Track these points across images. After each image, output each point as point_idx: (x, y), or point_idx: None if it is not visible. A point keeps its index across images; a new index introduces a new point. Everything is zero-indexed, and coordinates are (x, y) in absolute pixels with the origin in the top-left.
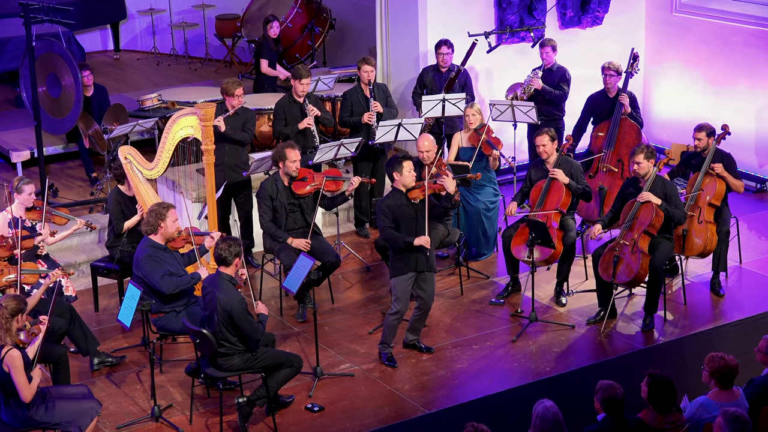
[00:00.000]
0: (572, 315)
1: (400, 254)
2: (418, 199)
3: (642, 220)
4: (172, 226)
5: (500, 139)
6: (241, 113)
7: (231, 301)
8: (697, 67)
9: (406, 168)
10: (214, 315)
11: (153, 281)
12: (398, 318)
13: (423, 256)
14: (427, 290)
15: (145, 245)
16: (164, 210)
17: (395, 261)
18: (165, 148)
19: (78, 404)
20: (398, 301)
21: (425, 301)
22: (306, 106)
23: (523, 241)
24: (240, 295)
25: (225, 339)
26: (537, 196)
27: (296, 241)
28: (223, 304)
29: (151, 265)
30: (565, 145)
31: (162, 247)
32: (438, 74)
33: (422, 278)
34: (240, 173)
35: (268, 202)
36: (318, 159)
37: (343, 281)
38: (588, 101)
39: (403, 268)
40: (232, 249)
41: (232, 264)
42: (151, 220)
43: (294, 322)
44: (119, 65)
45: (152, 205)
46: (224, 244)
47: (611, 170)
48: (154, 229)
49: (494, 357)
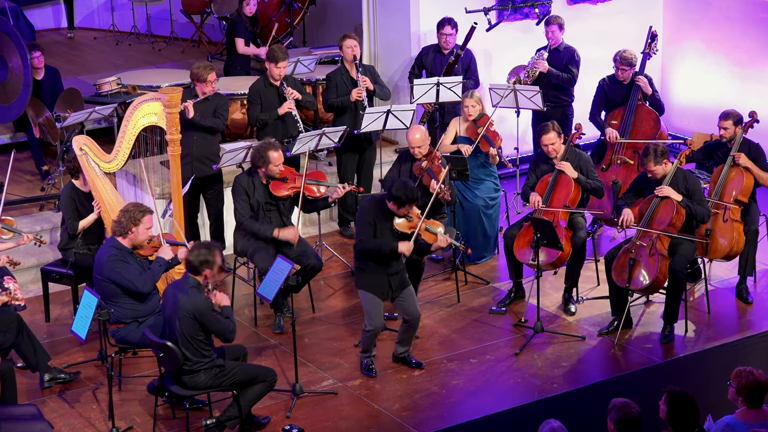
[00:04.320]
0: (582, 325)
1: (365, 263)
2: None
3: (661, 218)
4: (144, 234)
5: (498, 134)
6: (213, 98)
7: (195, 302)
8: (720, 48)
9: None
10: (175, 321)
11: (126, 282)
12: (374, 334)
13: (395, 277)
14: (409, 307)
15: (109, 245)
16: (140, 214)
17: (359, 270)
18: (125, 138)
19: (26, 426)
20: (370, 318)
21: (411, 316)
22: (284, 89)
23: (527, 242)
24: (207, 300)
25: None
26: (543, 191)
27: (284, 231)
28: (185, 305)
29: (119, 265)
30: (574, 134)
31: (127, 250)
32: (440, 56)
33: (400, 298)
34: (210, 166)
35: (244, 198)
36: (297, 150)
37: (325, 287)
38: (600, 87)
39: (369, 286)
40: (204, 258)
41: (201, 274)
42: (123, 221)
43: (270, 333)
44: (74, 45)
45: (128, 204)
46: (198, 250)
47: (626, 162)
48: (124, 232)
49: (495, 372)
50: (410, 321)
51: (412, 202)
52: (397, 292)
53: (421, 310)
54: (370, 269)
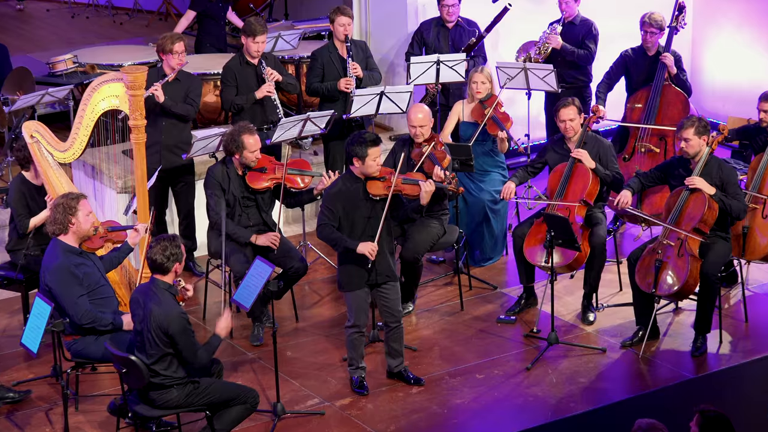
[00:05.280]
0: (603, 335)
1: (345, 262)
2: (379, 196)
3: (691, 213)
4: (86, 221)
5: (510, 116)
6: (183, 80)
7: (169, 314)
8: (758, 22)
9: (371, 155)
10: (146, 334)
11: (65, 302)
12: (358, 331)
13: (381, 263)
14: (389, 303)
15: (55, 250)
16: (73, 201)
17: (341, 271)
18: (82, 124)
19: None
20: (352, 312)
21: (392, 314)
22: (263, 69)
23: (539, 241)
24: (180, 308)
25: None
26: (556, 183)
27: (261, 237)
28: (157, 318)
29: (64, 279)
30: (591, 118)
31: (77, 250)
32: (443, 31)
33: (384, 289)
34: (179, 155)
35: (219, 193)
36: (278, 138)
37: (310, 294)
38: (621, 58)
39: (352, 282)
40: (171, 251)
41: (170, 271)
42: (58, 217)
43: (248, 346)
44: (23, 18)
45: (57, 198)
46: (159, 245)
47: (652, 151)
48: (64, 229)
49: (503, 389)
50: (392, 324)
51: (373, 143)
52: (380, 278)
53: (419, 319)
54: (352, 264)
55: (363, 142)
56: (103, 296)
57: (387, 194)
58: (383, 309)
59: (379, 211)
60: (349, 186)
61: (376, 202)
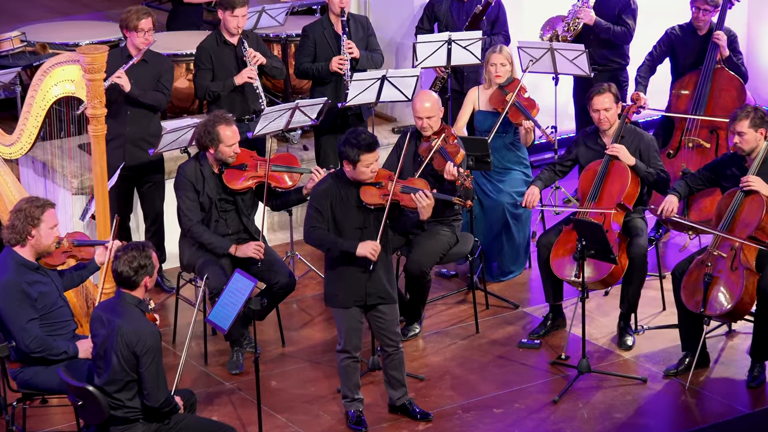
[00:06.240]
0: (643, 363)
1: (334, 271)
2: (373, 206)
3: (746, 219)
4: (48, 235)
5: (536, 102)
6: (152, 62)
7: (139, 331)
8: None
9: (363, 162)
10: (110, 356)
11: (12, 325)
12: (349, 357)
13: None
14: (387, 325)
15: (7, 261)
16: (38, 211)
17: (328, 282)
18: (32, 114)
19: None
20: (342, 334)
21: (389, 338)
22: (244, 51)
23: (568, 252)
24: (153, 326)
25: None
26: (589, 184)
27: (242, 248)
28: (126, 336)
29: (13, 298)
30: (631, 107)
31: (33, 265)
32: (457, 4)
33: (378, 311)
34: (146, 150)
35: (192, 195)
36: (261, 130)
37: (299, 313)
38: (666, 37)
39: (340, 298)
40: (140, 262)
41: (139, 285)
42: (17, 225)
43: (225, 374)
44: None
45: (20, 202)
46: (126, 255)
47: (701, 146)
48: (21, 240)
49: (527, 426)
50: (389, 349)
51: (368, 148)
52: (371, 299)
53: (426, 344)
54: (342, 275)
55: (356, 145)
56: (59, 320)
57: (383, 204)
58: (378, 332)
59: (372, 221)
60: (340, 188)
61: (370, 211)
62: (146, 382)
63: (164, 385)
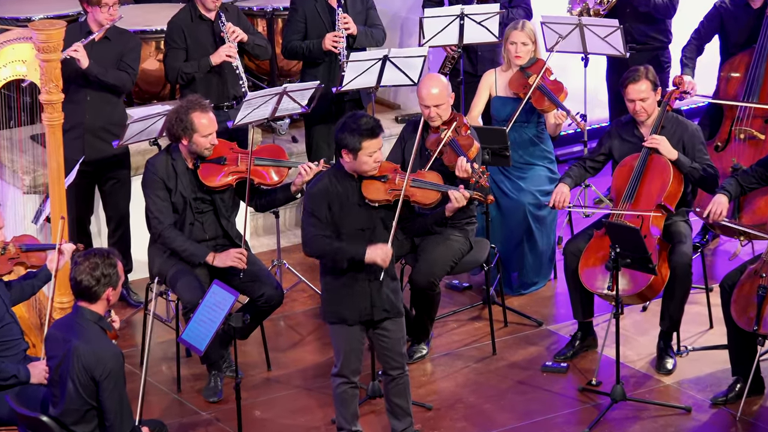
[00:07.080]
0: (686, 389)
1: (335, 281)
2: (378, 203)
3: None
4: None
5: (563, 85)
6: (116, 40)
7: (99, 352)
8: None
9: (366, 149)
10: (65, 382)
11: None
12: (347, 382)
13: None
14: (392, 344)
15: None
16: None
17: (328, 295)
18: None
19: None
20: (339, 355)
21: (394, 359)
22: (222, 26)
23: (600, 260)
24: (116, 347)
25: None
26: (624, 182)
27: (221, 256)
28: (84, 358)
29: None
30: (673, 92)
31: None
32: None
33: (382, 328)
34: (110, 142)
35: (162, 194)
36: (243, 119)
37: (287, 331)
38: (715, 11)
39: (343, 313)
40: (102, 271)
41: (101, 298)
42: None
43: (202, 402)
44: None
45: None
46: (87, 262)
47: (754, 137)
48: None
49: None
50: (393, 372)
51: (370, 133)
52: (377, 314)
53: (435, 367)
54: (345, 287)
55: (356, 130)
56: (6, 338)
57: (389, 200)
58: (381, 352)
59: (377, 222)
60: (338, 185)
61: (375, 209)
62: (108, 412)
63: (129, 414)
